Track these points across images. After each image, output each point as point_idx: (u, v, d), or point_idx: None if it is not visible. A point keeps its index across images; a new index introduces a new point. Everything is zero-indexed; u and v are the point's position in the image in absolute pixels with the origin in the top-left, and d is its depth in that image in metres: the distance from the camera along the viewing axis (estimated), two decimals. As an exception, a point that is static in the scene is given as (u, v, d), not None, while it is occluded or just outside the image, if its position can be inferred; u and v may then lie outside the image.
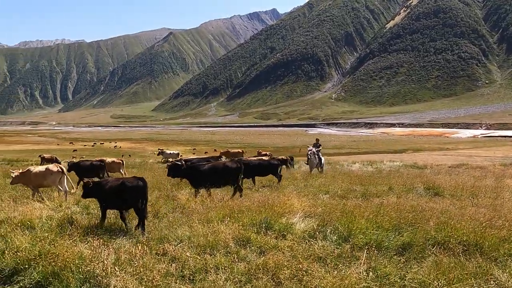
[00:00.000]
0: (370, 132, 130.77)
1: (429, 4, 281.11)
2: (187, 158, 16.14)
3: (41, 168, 10.03)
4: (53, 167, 10.00)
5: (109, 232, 6.38)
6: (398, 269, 4.83)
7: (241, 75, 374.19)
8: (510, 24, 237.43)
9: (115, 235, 6.28)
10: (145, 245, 5.53)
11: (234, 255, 5.26)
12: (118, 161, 17.77)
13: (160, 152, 34.75)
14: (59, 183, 10.04)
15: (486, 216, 6.91)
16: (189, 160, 14.24)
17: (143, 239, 6.03)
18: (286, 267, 4.78)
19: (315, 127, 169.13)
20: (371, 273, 4.67)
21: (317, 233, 6.15)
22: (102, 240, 5.79)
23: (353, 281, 4.41)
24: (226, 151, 29.03)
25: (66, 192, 10.00)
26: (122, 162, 17.79)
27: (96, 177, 12.60)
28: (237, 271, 4.75)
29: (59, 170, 9.95)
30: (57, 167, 10.03)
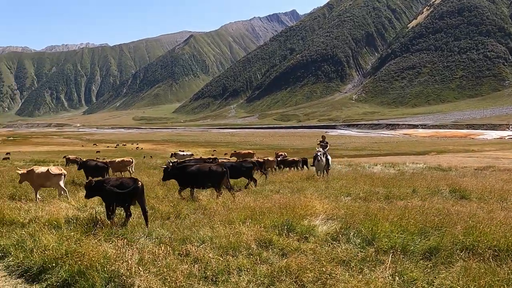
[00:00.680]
0: (392, 134, 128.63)
1: (453, 3, 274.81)
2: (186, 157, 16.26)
3: (43, 169, 10.31)
4: (55, 169, 10.27)
5: (132, 232, 6.46)
6: (425, 274, 4.69)
7: (260, 77, 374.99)
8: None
9: (138, 235, 6.35)
10: (168, 246, 5.56)
11: (256, 257, 5.22)
12: (127, 159, 18.36)
13: (174, 154, 35.44)
14: (61, 184, 10.30)
15: (517, 221, 6.65)
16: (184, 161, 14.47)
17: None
18: (309, 270, 4.71)
19: (335, 129, 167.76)
20: (397, 277, 4.55)
21: (340, 236, 6.05)
22: (126, 240, 5.86)
23: (378, 285, 4.31)
24: (237, 152, 29.37)
25: (66, 192, 10.31)
26: (131, 160, 18.29)
27: (100, 176, 12.91)
28: (260, 273, 4.72)
29: (60, 172, 10.24)
30: (58, 169, 10.33)
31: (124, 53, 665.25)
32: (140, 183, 7.22)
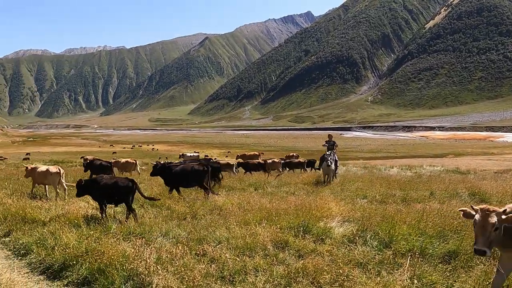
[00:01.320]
0: (409, 136, 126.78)
1: (471, 3, 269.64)
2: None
3: (43, 168, 11.06)
4: (53, 169, 10.88)
5: (150, 232, 6.55)
6: (445, 277, 4.62)
7: (275, 79, 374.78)
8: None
9: (156, 235, 6.43)
10: (185, 246, 5.62)
11: (273, 258, 5.23)
12: (131, 161, 19.62)
13: (182, 155, 36.34)
14: (58, 183, 10.90)
15: (540, 225, 6.47)
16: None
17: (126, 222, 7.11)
18: (326, 271, 4.69)
19: (350, 130, 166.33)
20: (415, 280, 4.49)
21: (357, 238, 6.01)
22: (143, 239, 5.95)
23: (396, 288, 4.27)
24: (243, 154, 29.72)
25: (65, 190, 10.98)
26: (135, 162, 19.52)
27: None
28: (276, 274, 4.73)
29: (57, 171, 10.80)
30: (56, 169, 10.91)
31: (140, 56, 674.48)
32: (131, 183, 7.76)
